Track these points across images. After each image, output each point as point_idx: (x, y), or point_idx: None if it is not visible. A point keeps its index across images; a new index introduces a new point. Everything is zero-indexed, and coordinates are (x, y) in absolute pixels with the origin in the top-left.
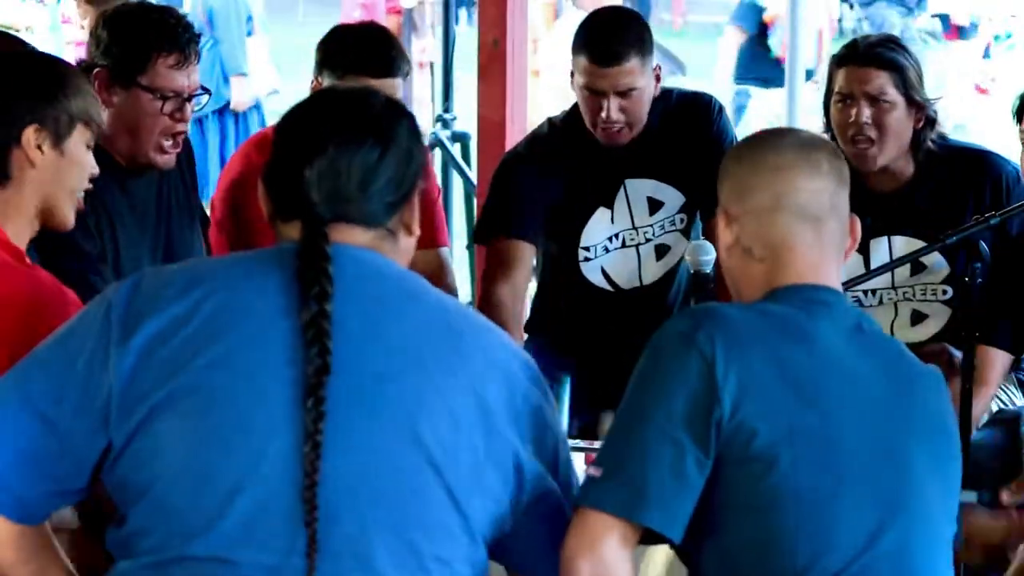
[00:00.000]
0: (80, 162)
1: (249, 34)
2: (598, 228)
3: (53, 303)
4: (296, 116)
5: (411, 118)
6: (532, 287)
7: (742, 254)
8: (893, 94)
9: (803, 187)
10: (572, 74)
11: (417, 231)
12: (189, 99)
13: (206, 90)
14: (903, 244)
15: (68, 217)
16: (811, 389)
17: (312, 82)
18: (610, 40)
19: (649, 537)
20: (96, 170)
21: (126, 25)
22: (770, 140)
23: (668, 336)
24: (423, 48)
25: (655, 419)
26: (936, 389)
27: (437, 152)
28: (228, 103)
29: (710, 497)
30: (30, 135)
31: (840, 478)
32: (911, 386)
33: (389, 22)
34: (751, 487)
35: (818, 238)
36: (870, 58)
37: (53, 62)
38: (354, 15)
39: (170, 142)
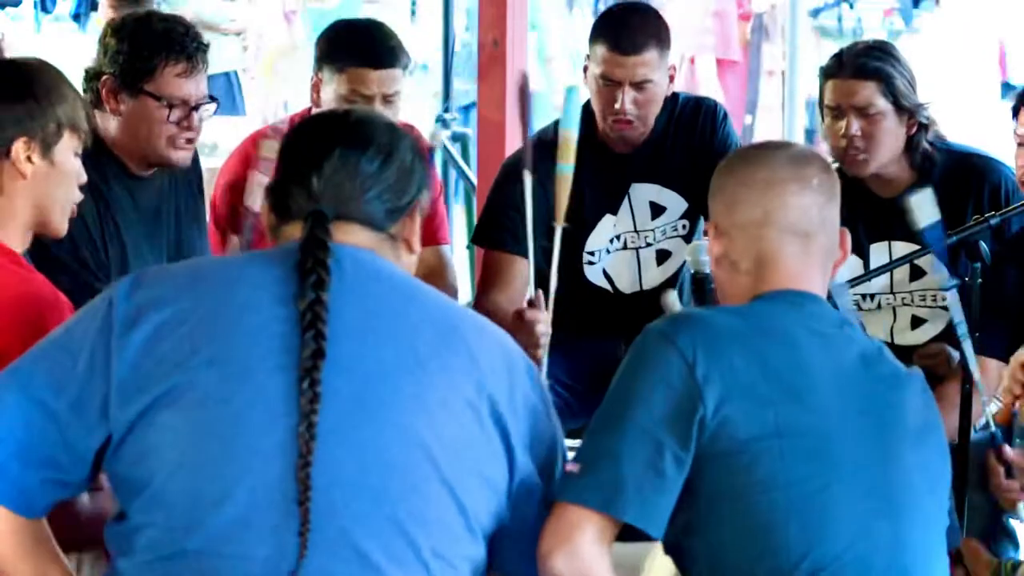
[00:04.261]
0: (69, 170)
1: None
2: (602, 233)
3: (48, 307)
4: (301, 132)
5: (414, 139)
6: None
7: (729, 267)
8: (881, 104)
9: (793, 204)
10: (585, 68)
11: (418, 249)
12: (196, 108)
13: (213, 99)
14: (903, 251)
15: (61, 225)
16: (795, 385)
17: (312, 78)
18: (630, 29)
19: (638, 535)
20: (84, 178)
21: (133, 33)
22: (761, 155)
23: (649, 338)
24: (774, 55)
25: (634, 417)
26: (919, 390)
27: (437, 152)
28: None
29: (698, 495)
30: (19, 148)
31: (830, 470)
32: (894, 384)
33: (740, 28)
34: (740, 480)
35: (805, 252)
36: (856, 69)
37: (37, 69)
38: (707, 23)
39: (182, 141)
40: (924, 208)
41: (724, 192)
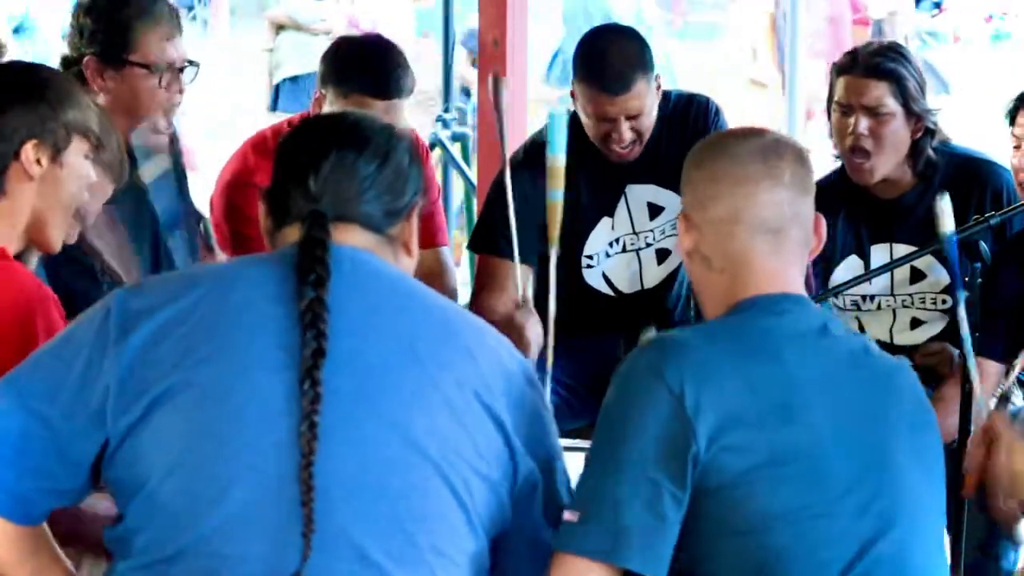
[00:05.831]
0: (79, 173)
1: None
2: (600, 236)
3: (33, 299)
4: (298, 134)
5: (410, 143)
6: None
7: (701, 261)
8: (891, 105)
9: (764, 201)
10: (573, 94)
11: (416, 252)
12: (181, 70)
13: (193, 63)
14: (904, 253)
15: (56, 239)
16: (785, 405)
17: (315, 93)
18: (614, 67)
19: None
20: (94, 179)
21: (107, 8)
22: (731, 147)
23: (635, 370)
24: None
25: (628, 459)
26: (908, 381)
27: (437, 152)
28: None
29: (695, 529)
30: (29, 150)
31: (825, 495)
32: (883, 382)
33: (856, 33)
34: (733, 514)
35: (778, 248)
36: (869, 68)
37: (46, 73)
38: (819, 28)
39: (163, 122)
40: (947, 215)
41: (693, 186)
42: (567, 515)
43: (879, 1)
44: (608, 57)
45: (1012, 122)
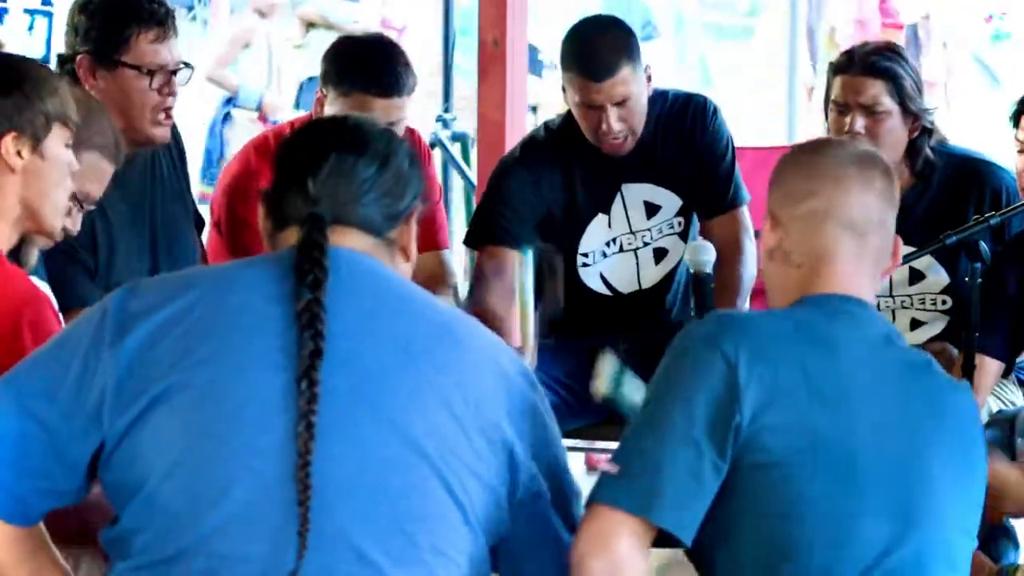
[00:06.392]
0: (61, 161)
1: (648, 39)
2: (596, 234)
3: (29, 303)
4: (297, 137)
5: (410, 146)
6: None
7: (782, 258)
8: (888, 103)
9: (856, 201)
10: (564, 89)
11: (414, 256)
12: (174, 73)
13: (187, 64)
14: (903, 253)
15: (54, 224)
16: (834, 398)
17: (316, 92)
18: (599, 53)
19: (657, 539)
20: (77, 167)
21: (101, 8)
22: (829, 149)
23: (693, 338)
24: (929, 66)
25: (676, 421)
26: (963, 403)
27: (437, 152)
28: None
29: (726, 503)
30: (8, 143)
31: (858, 490)
32: (936, 398)
33: (885, 36)
34: (767, 494)
35: (859, 252)
36: (865, 67)
37: (22, 64)
38: (847, 31)
39: (163, 115)
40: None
41: (787, 182)
42: (607, 467)
43: (912, 5)
44: (593, 44)
45: (1016, 124)
